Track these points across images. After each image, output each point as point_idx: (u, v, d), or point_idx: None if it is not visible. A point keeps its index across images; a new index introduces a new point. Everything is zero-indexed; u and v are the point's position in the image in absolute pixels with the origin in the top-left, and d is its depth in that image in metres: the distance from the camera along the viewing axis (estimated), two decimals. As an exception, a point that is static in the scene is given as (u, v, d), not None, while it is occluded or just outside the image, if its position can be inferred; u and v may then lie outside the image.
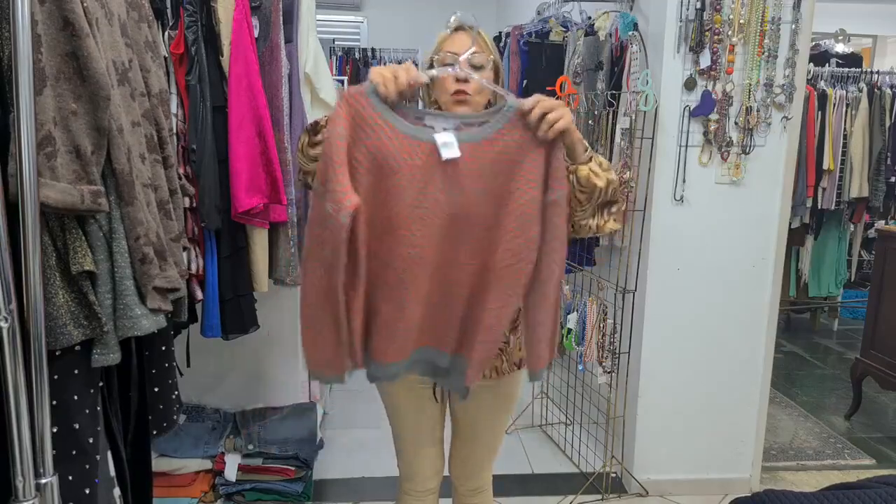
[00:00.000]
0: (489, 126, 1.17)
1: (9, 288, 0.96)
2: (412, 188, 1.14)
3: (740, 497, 1.60)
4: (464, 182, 1.16)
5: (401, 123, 1.13)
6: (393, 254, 1.18)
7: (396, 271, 1.19)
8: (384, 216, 1.16)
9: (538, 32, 3.01)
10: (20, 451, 1.00)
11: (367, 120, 1.11)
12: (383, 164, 1.13)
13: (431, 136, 1.14)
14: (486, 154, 1.16)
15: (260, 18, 1.96)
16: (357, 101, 1.12)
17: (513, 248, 1.19)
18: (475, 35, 1.39)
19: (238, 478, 2.27)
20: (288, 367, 2.60)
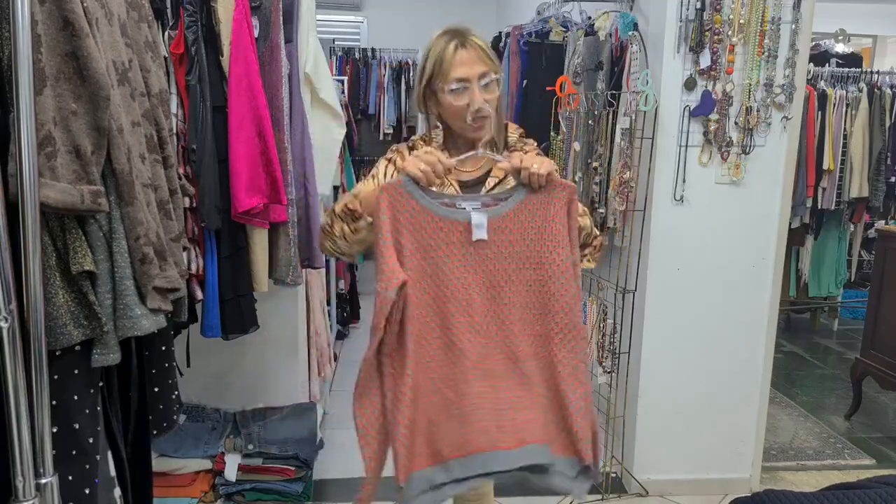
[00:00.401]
0: (513, 199, 1.26)
1: (9, 288, 0.96)
2: (452, 266, 1.24)
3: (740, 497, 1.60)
4: (498, 253, 1.25)
5: (436, 207, 1.23)
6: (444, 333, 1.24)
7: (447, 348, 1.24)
8: (433, 295, 1.24)
9: (538, 32, 3.01)
10: (20, 451, 1.00)
11: (406, 208, 1.22)
12: (425, 247, 1.23)
13: (465, 216, 1.24)
14: (513, 224, 1.26)
15: (260, 18, 1.96)
16: (396, 192, 1.22)
17: (563, 309, 1.26)
18: (478, 50, 1.35)
19: (238, 478, 2.27)
20: (288, 367, 2.60)
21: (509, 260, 1.26)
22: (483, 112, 1.34)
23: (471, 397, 1.22)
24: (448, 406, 1.23)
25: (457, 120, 1.38)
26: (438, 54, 1.35)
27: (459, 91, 1.34)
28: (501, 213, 1.25)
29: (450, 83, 1.34)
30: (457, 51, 1.34)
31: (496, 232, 1.24)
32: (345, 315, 4.25)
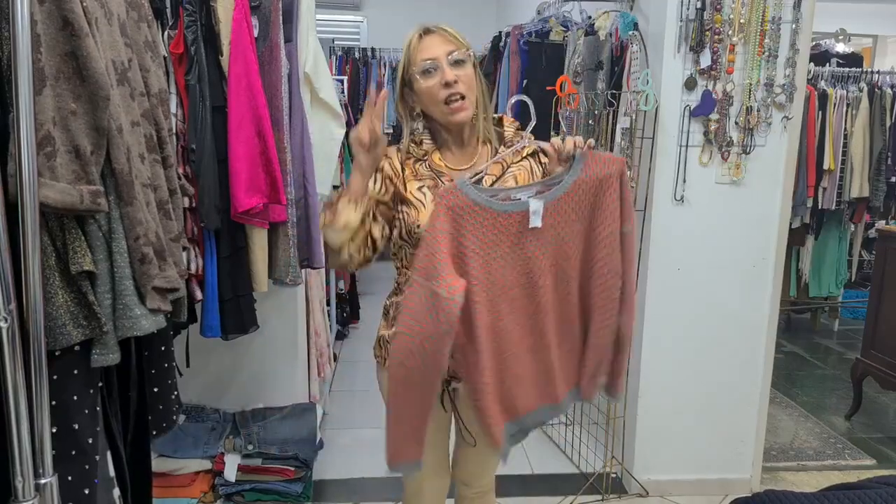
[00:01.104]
0: (565, 182, 1.32)
1: (8, 288, 0.96)
2: (516, 255, 1.31)
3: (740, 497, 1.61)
4: (558, 234, 1.33)
5: (494, 203, 1.28)
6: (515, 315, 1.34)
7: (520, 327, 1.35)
8: (500, 288, 1.31)
9: (538, 32, 3.01)
10: (20, 452, 1.00)
11: (465, 210, 1.26)
12: (488, 243, 1.28)
13: (523, 206, 1.29)
14: (568, 205, 1.32)
15: (259, 18, 1.96)
16: (453, 195, 1.26)
17: (604, 274, 1.37)
18: (444, 34, 1.37)
19: (238, 478, 2.27)
20: (288, 368, 2.60)
21: (566, 240, 1.34)
22: (456, 89, 1.34)
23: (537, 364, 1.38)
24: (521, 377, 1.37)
25: (434, 105, 1.38)
26: (407, 46, 1.39)
27: (429, 71, 1.35)
28: (556, 197, 1.30)
29: (419, 66, 1.36)
30: (422, 38, 1.37)
31: (552, 215, 1.31)
32: (345, 315, 4.25)
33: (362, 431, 2.89)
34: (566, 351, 1.43)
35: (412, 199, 1.40)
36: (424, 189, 1.40)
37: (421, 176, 1.42)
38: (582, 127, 2.52)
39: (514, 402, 1.39)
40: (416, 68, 1.36)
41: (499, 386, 1.36)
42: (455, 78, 1.34)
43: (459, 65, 1.35)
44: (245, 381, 2.57)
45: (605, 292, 1.38)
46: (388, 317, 1.51)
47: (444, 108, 1.36)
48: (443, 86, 1.34)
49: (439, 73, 1.34)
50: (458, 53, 1.35)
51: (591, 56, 2.59)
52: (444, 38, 1.36)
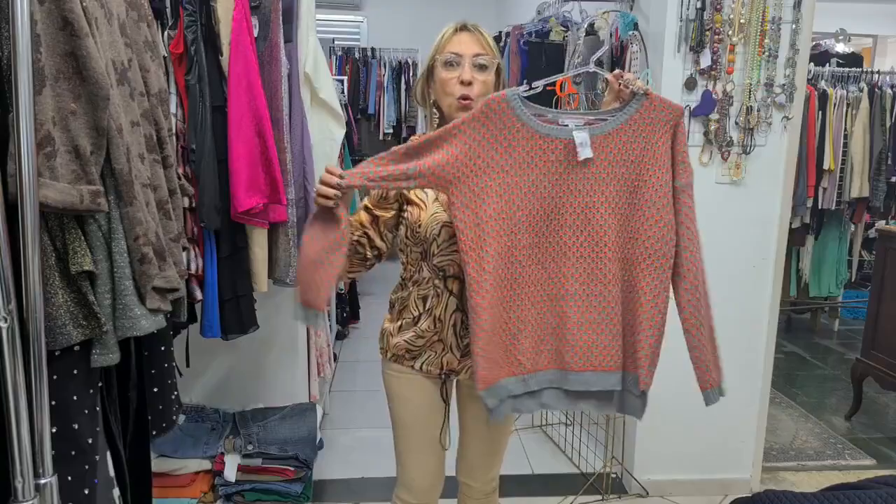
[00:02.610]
0: (617, 118, 1.22)
1: (8, 288, 0.96)
2: (548, 184, 1.21)
3: (740, 497, 1.61)
4: (597, 174, 1.22)
5: (537, 124, 1.20)
6: (533, 250, 1.23)
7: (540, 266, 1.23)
8: (522, 213, 1.21)
9: (538, 32, 3.01)
10: (19, 452, 1.00)
11: (504, 122, 1.19)
12: (523, 164, 1.20)
13: (567, 134, 1.20)
14: (615, 144, 1.22)
15: (259, 18, 1.96)
16: (499, 106, 1.20)
17: (656, 235, 1.24)
18: (479, 35, 1.40)
19: (237, 478, 2.27)
20: (288, 368, 2.60)
21: (608, 181, 1.23)
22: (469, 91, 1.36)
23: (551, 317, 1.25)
24: (528, 323, 1.24)
25: (446, 97, 1.40)
26: (441, 35, 1.42)
27: (451, 64, 1.38)
28: (604, 132, 1.22)
29: (444, 55, 1.39)
30: (457, 32, 1.41)
31: (597, 151, 1.21)
32: (344, 315, 4.25)
33: (362, 431, 2.89)
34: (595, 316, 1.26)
35: (415, 199, 1.43)
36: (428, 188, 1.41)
37: None
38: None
39: (516, 355, 1.26)
40: (441, 57, 1.40)
41: (501, 326, 1.24)
42: (472, 79, 1.37)
43: (481, 69, 1.39)
44: (245, 381, 2.57)
45: (653, 255, 1.23)
46: (394, 310, 1.52)
47: (453, 102, 1.39)
48: (459, 82, 1.38)
49: (460, 69, 1.38)
50: (484, 59, 1.39)
51: (591, 56, 2.59)
52: (476, 39, 1.40)
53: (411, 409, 1.52)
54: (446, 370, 1.47)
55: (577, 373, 1.29)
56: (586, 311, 1.26)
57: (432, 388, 1.50)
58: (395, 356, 1.49)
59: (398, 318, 1.49)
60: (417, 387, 1.50)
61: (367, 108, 5.35)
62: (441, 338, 1.43)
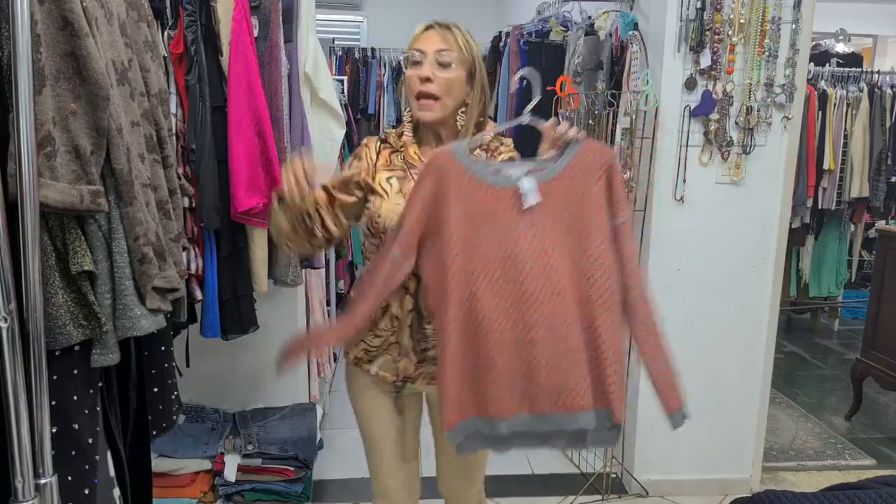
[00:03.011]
0: (557, 165, 1.27)
1: (9, 288, 0.96)
2: (501, 233, 1.24)
3: (740, 497, 1.60)
4: (545, 220, 1.26)
5: (484, 175, 1.24)
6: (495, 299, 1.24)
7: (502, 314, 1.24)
8: (481, 265, 1.24)
9: (538, 32, 3.01)
10: (19, 452, 1.00)
11: (453, 175, 1.22)
12: (474, 215, 1.24)
13: (513, 182, 1.24)
14: (558, 190, 1.26)
15: (259, 18, 1.96)
16: (445, 161, 1.22)
17: (605, 274, 1.28)
18: (446, 32, 1.36)
19: (237, 478, 2.27)
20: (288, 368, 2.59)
21: (556, 226, 1.26)
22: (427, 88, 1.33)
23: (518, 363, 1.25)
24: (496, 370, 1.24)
25: (410, 95, 1.38)
26: (413, 35, 1.39)
27: (414, 61, 1.35)
28: (546, 179, 1.25)
29: (409, 53, 1.37)
30: (426, 30, 1.38)
31: (543, 197, 1.25)
32: (345, 315, 4.24)
33: (362, 431, 2.89)
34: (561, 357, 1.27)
35: (378, 188, 1.39)
36: (393, 179, 1.39)
37: (393, 166, 1.42)
38: (582, 127, 2.52)
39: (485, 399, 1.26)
40: (407, 55, 1.38)
41: (468, 371, 1.25)
42: (431, 76, 1.33)
43: (444, 66, 1.34)
44: (245, 381, 2.57)
45: (605, 293, 1.27)
46: None
47: (414, 101, 1.37)
48: (419, 79, 1.35)
49: (421, 66, 1.35)
50: (447, 55, 1.34)
51: (590, 56, 2.59)
52: (442, 36, 1.36)
53: (374, 424, 1.51)
54: (402, 377, 1.43)
55: (548, 415, 1.28)
56: (553, 354, 1.26)
57: (389, 403, 1.48)
58: (355, 358, 1.46)
59: None
60: (378, 404, 1.48)
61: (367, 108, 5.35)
62: (398, 339, 1.40)
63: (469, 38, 1.39)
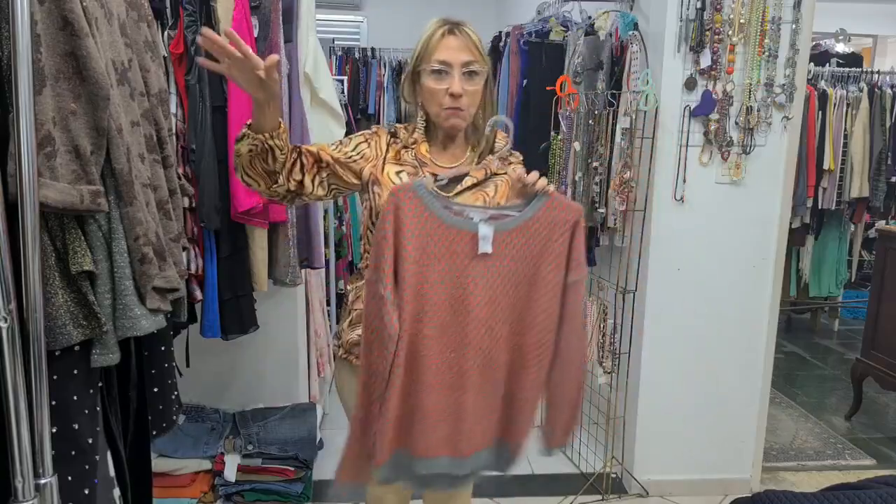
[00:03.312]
0: (522, 215, 1.26)
1: (8, 288, 0.96)
2: (454, 275, 1.23)
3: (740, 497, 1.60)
4: (499, 268, 1.25)
5: (445, 215, 1.22)
6: (438, 340, 1.25)
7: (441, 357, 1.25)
8: (429, 303, 1.23)
9: (538, 32, 3.01)
10: (19, 452, 1.00)
11: (415, 213, 1.20)
12: (429, 253, 1.22)
13: (472, 227, 1.23)
14: (517, 241, 1.25)
15: (259, 18, 1.96)
16: (406, 196, 1.20)
17: (545, 327, 1.29)
18: (467, 39, 1.35)
19: (237, 478, 2.27)
20: (288, 368, 2.60)
21: (508, 276, 1.26)
22: (458, 103, 1.33)
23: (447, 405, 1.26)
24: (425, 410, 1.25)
25: (433, 105, 1.37)
26: (427, 37, 1.36)
27: (440, 74, 1.33)
28: (507, 229, 1.24)
29: (431, 64, 1.34)
30: (445, 36, 1.34)
31: (500, 246, 1.24)
32: (345, 315, 4.24)
33: (362, 431, 2.89)
34: (486, 402, 1.30)
35: (387, 182, 1.39)
36: (403, 174, 1.39)
37: (403, 162, 1.42)
38: (582, 127, 2.52)
39: (410, 436, 1.27)
40: (428, 66, 1.34)
41: (396, 409, 1.24)
42: (462, 91, 1.34)
43: (471, 77, 1.35)
44: (245, 381, 2.58)
45: (542, 344, 1.29)
46: (346, 304, 1.50)
47: (440, 111, 1.37)
48: (448, 94, 1.34)
49: (449, 79, 1.33)
50: (474, 66, 1.34)
51: (590, 56, 2.59)
52: (465, 44, 1.34)
53: None
54: None
55: (468, 457, 1.31)
56: (481, 399, 1.29)
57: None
58: (346, 353, 1.46)
59: (350, 311, 1.46)
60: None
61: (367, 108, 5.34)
62: None
63: (480, 39, 1.39)
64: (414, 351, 1.23)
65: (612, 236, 2.53)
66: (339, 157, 1.41)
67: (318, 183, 1.40)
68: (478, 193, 1.40)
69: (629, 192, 2.36)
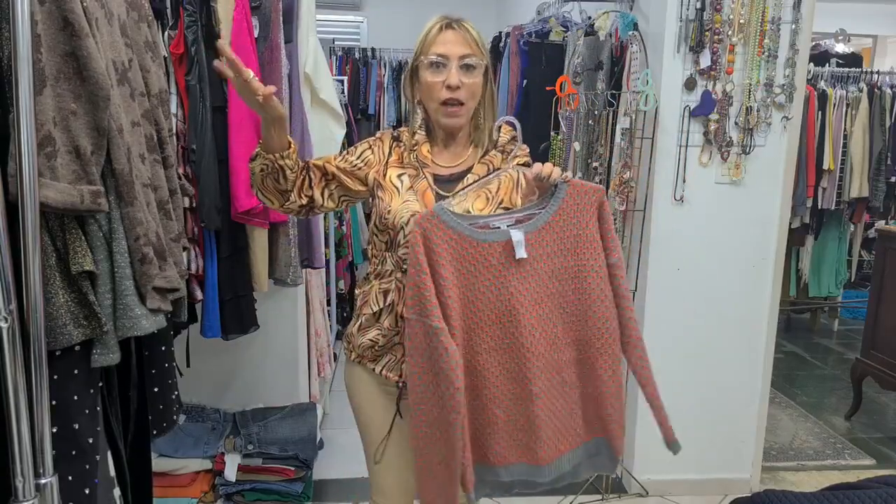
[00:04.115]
0: (546, 211, 1.25)
1: (9, 288, 0.96)
2: (495, 286, 1.23)
3: (740, 497, 1.61)
4: (539, 269, 1.25)
5: (472, 232, 1.22)
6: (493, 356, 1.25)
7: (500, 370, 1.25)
8: (477, 321, 1.23)
9: (538, 32, 3.01)
10: (20, 452, 1.00)
11: (442, 238, 1.20)
12: (466, 274, 1.22)
13: (502, 236, 1.23)
14: (550, 237, 1.25)
15: (260, 18, 1.96)
16: (429, 223, 1.20)
17: (603, 315, 1.28)
18: (465, 33, 1.34)
19: (238, 478, 2.27)
20: (288, 368, 2.60)
21: (550, 274, 1.25)
22: (456, 95, 1.33)
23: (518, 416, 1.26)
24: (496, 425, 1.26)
25: (431, 101, 1.37)
26: (426, 32, 1.36)
27: (437, 66, 1.33)
28: (537, 227, 1.24)
29: (429, 56, 1.33)
30: (443, 30, 1.34)
31: (533, 246, 1.23)
32: (344, 315, 4.24)
33: (362, 431, 2.89)
34: (561, 405, 1.29)
35: (388, 185, 1.39)
36: (404, 177, 1.40)
37: (405, 164, 1.42)
38: (582, 127, 2.52)
39: (486, 450, 1.27)
40: (426, 59, 1.34)
41: (470, 427, 1.25)
42: (459, 84, 1.33)
43: (469, 71, 1.34)
44: (245, 381, 2.58)
45: (605, 334, 1.28)
46: (355, 307, 1.50)
47: (438, 108, 1.36)
48: (445, 87, 1.33)
49: (446, 72, 1.33)
50: (472, 59, 1.33)
51: (590, 56, 2.59)
52: (463, 37, 1.34)
53: (372, 415, 1.50)
54: (405, 378, 1.41)
55: (548, 465, 1.30)
56: (551, 403, 1.28)
57: (390, 403, 1.47)
58: (358, 357, 1.46)
59: (358, 315, 1.46)
60: (377, 399, 1.47)
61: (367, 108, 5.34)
62: (402, 340, 1.38)
63: (481, 34, 1.39)
64: (472, 373, 1.23)
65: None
66: (345, 167, 1.42)
67: (328, 196, 1.43)
68: (480, 191, 1.39)
69: (629, 192, 2.36)
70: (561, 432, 1.31)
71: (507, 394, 1.25)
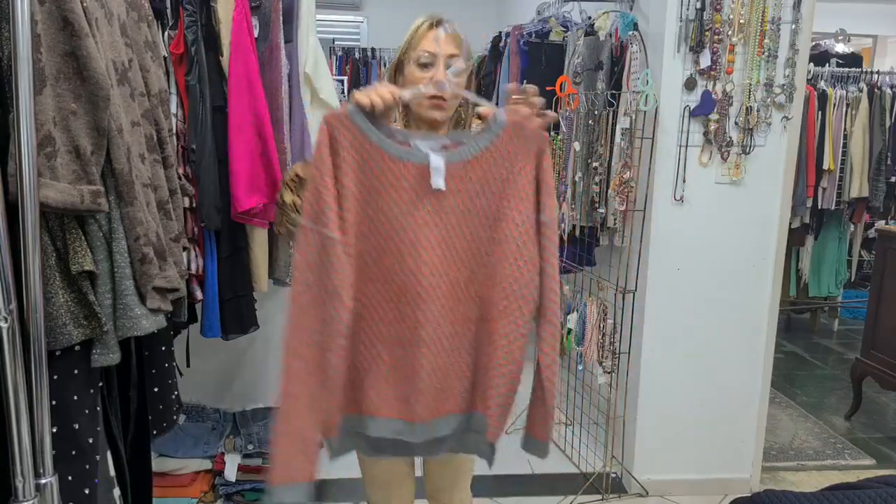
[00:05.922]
0: (477, 144, 1.11)
1: (9, 288, 0.96)
2: (400, 212, 1.08)
3: (740, 497, 1.60)
4: (455, 205, 1.10)
5: (388, 145, 1.07)
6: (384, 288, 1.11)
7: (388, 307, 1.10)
8: (374, 244, 1.09)
9: (538, 32, 3.01)
10: (20, 452, 1.00)
11: (352, 143, 1.05)
12: (370, 188, 1.07)
13: (420, 158, 1.08)
14: (475, 172, 1.10)
15: (260, 18, 1.96)
16: (341, 124, 1.06)
17: (514, 276, 1.12)
18: (454, 35, 1.35)
19: (238, 478, 2.27)
20: (288, 367, 2.60)
21: (466, 214, 1.10)
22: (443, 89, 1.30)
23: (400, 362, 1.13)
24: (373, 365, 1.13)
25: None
26: (414, 29, 1.37)
27: (425, 63, 1.33)
28: (462, 160, 1.09)
29: (418, 52, 1.34)
30: (431, 29, 1.35)
31: (454, 180, 1.08)
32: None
33: (362, 431, 2.89)
34: (448, 361, 1.13)
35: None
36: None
37: None
38: (582, 127, 2.52)
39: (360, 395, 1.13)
40: (414, 55, 1.35)
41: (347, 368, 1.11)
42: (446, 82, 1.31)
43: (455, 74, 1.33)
44: (245, 381, 2.57)
45: (511, 296, 1.11)
46: None
47: (423, 101, 1.34)
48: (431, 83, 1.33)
49: (433, 70, 1.33)
50: (459, 63, 1.34)
51: (590, 56, 2.59)
52: (452, 39, 1.35)
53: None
54: None
55: (422, 424, 1.16)
56: (438, 356, 1.13)
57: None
58: None
59: None
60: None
61: (367, 108, 5.35)
62: None
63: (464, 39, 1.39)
64: (358, 303, 1.09)
65: (612, 236, 2.53)
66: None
67: None
68: None
69: (629, 192, 2.36)
70: (443, 392, 1.15)
71: (394, 334, 1.11)
